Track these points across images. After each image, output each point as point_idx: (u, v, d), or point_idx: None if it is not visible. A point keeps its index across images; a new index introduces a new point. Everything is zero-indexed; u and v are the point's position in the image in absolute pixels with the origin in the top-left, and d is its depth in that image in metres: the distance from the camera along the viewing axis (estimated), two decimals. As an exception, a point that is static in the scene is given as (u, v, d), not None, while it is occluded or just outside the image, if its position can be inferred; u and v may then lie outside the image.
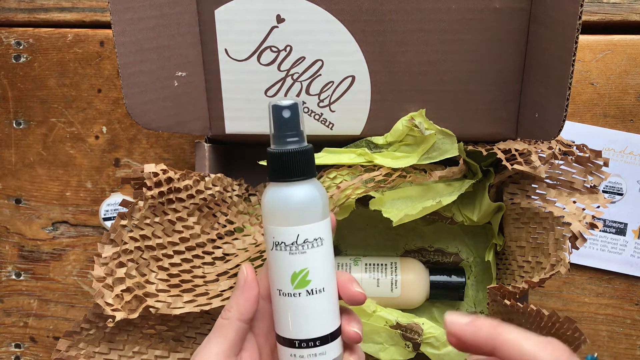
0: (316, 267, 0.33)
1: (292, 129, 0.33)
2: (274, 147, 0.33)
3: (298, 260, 0.33)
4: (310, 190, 0.33)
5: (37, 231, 0.60)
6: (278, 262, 0.34)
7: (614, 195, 0.56)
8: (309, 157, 0.33)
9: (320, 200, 0.33)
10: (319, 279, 0.34)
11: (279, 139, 0.33)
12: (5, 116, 0.59)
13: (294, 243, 0.33)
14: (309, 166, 0.33)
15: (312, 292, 0.33)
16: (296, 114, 0.33)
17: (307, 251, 0.33)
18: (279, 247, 0.33)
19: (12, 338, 0.60)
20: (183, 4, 0.45)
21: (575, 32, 0.36)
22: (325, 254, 0.34)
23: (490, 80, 0.46)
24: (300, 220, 0.33)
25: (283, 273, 0.33)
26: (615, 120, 0.56)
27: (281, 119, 0.33)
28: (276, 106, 0.33)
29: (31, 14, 0.58)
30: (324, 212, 0.34)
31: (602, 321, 0.57)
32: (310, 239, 0.33)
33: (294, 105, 0.33)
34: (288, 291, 0.33)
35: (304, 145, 0.33)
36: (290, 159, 0.33)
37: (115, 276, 0.41)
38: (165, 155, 0.59)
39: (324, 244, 0.34)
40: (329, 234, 0.34)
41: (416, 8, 0.44)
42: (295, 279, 0.33)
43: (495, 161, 0.49)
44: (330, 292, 0.34)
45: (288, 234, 0.33)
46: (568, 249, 0.40)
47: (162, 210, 0.44)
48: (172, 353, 0.46)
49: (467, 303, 0.53)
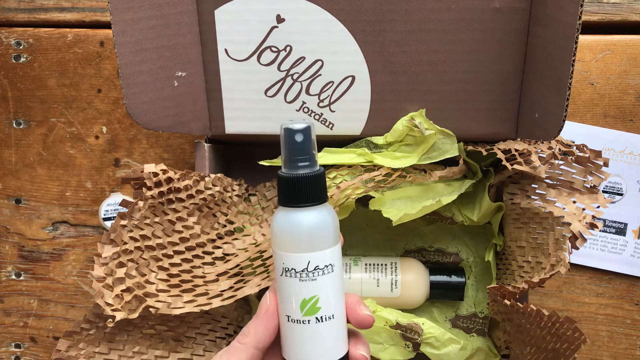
0: (326, 294, 0.33)
1: (303, 153, 0.32)
2: (285, 171, 0.32)
3: (308, 288, 0.32)
4: (322, 216, 0.32)
5: (37, 231, 0.60)
6: (287, 289, 0.33)
7: (614, 195, 0.56)
8: (320, 182, 0.32)
9: (332, 226, 0.33)
10: (329, 306, 0.33)
11: (290, 163, 0.32)
12: (5, 116, 0.59)
13: (305, 270, 0.32)
14: (320, 191, 0.33)
15: (322, 319, 0.33)
16: (308, 137, 0.32)
17: (317, 278, 0.32)
18: (289, 274, 0.33)
19: (12, 338, 0.60)
20: (183, 4, 0.45)
21: (575, 32, 0.36)
22: (335, 280, 0.33)
23: (490, 80, 0.46)
24: (311, 247, 0.32)
25: (292, 300, 0.33)
26: (615, 120, 0.56)
27: (293, 142, 0.32)
28: (288, 129, 0.32)
29: (31, 14, 0.58)
30: (335, 237, 0.33)
31: (602, 321, 0.57)
32: (321, 266, 0.32)
33: (306, 128, 0.32)
34: (297, 318, 0.33)
35: (315, 169, 0.32)
36: (301, 184, 0.32)
37: (115, 276, 0.41)
38: (165, 155, 0.58)
39: (334, 270, 0.33)
40: (340, 260, 0.34)
41: (416, 8, 0.44)
42: (304, 306, 0.33)
43: (495, 161, 0.49)
44: (339, 318, 0.34)
45: (298, 260, 0.32)
46: (568, 249, 0.40)
47: (162, 210, 0.44)
48: (172, 353, 0.46)
49: (467, 303, 0.53)
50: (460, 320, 0.53)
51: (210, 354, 0.48)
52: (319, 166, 0.33)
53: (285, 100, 0.47)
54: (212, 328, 0.49)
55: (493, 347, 0.51)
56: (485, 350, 0.50)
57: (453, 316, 0.53)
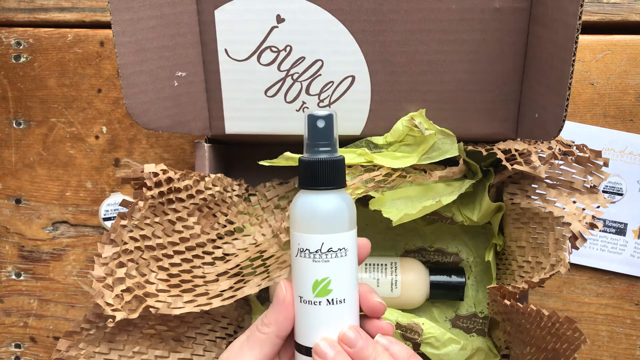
0: (338, 277, 0.33)
1: (325, 139, 0.34)
2: (306, 155, 0.34)
3: (321, 269, 0.33)
4: (338, 200, 0.34)
5: (37, 231, 0.60)
6: (301, 269, 0.34)
7: (614, 195, 0.56)
8: (339, 167, 0.34)
9: (347, 211, 0.34)
10: (341, 290, 0.34)
11: (311, 148, 0.34)
12: (5, 116, 0.59)
13: (318, 251, 0.33)
14: (338, 176, 0.34)
15: (333, 301, 0.33)
16: (331, 124, 0.34)
17: (330, 260, 0.33)
18: (303, 254, 0.33)
19: (12, 338, 0.60)
20: (183, 4, 0.45)
21: (575, 32, 0.36)
22: (348, 265, 0.34)
23: (490, 80, 0.46)
24: (326, 229, 0.33)
25: (305, 280, 0.34)
26: (615, 120, 0.56)
27: (315, 128, 0.34)
28: (312, 116, 0.34)
29: (31, 14, 0.58)
30: (351, 223, 0.34)
31: (602, 321, 0.57)
32: (334, 248, 0.33)
33: (329, 116, 0.34)
34: (309, 299, 0.34)
35: (335, 155, 0.34)
36: (321, 167, 0.33)
37: (115, 276, 0.41)
38: (165, 155, 0.58)
39: (348, 255, 0.34)
40: (354, 246, 0.34)
41: (416, 8, 0.44)
42: (317, 287, 0.33)
43: (495, 161, 0.49)
44: (351, 304, 0.34)
45: (313, 241, 0.33)
46: (568, 249, 0.40)
47: (162, 210, 0.44)
48: (172, 353, 0.46)
49: (467, 303, 0.53)
50: (460, 320, 0.53)
51: (210, 354, 0.48)
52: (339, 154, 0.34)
53: (285, 100, 0.47)
54: (212, 328, 0.49)
55: (493, 347, 0.51)
56: (485, 350, 0.50)
57: (453, 316, 0.53)
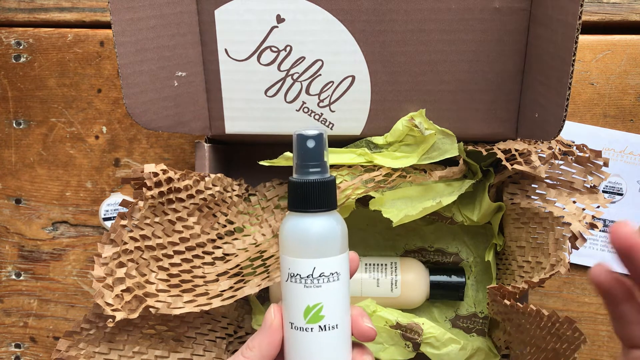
0: (331, 303, 0.33)
1: (315, 159, 0.33)
2: (296, 177, 0.33)
3: (312, 294, 0.32)
4: (330, 223, 0.33)
5: (37, 231, 0.60)
6: (292, 295, 0.33)
7: (614, 195, 0.56)
8: (330, 188, 0.33)
9: (340, 234, 0.33)
10: (333, 315, 0.33)
11: (301, 169, 0.33)
12: (5, 116, 0.59)
13: (310, 276, 0.32)
14: (330, 198, 0.33)
15: (325, 328, 0.33)
16: (320, 144, 0.33)
17: (322, 285, 0.32)
18: (294, 279, 0.33)
19: (12, 338, 0.60)
20: (183, 4, 0.45)
21: (575, 32, 0.36)
22: (341, 290, 0.33)
23: (490, 80, 0.46)
24: (318, 253, 0.32)
25: (296, 306, 0.33)
26: (615, 120, 0.55)
27: (305, 148, 0.33)
28: (301, 135, 0.33)
29: (31, 14, 0.58)
30: (343, 246, 0.33)
31: (602, 321, 0.57)
32: (326, 273, 0.32)
33: (318, 135, 0.33)
34: (300, 325, 0.33)
35: (326, 176, 0.33)
36: (311, 189, 0.32)
37: (115, 276, 0.41)
38: (165, 155, 0.58)
39: (340, 279, 0.33)
40: (347, 269, 0.34)
41: (416, 8, 0.44)
42: (308, 313, 0.32)
43: (495, 161, 0.49)
44: (343, 329, 0.34)
45: (304, 266, 0.32)
46: (568, 249, 0.40)
47: (162, 210, 0.44)
48: (172, 353, 0.46)
49: (467, 303, 0.53)
50: (460, 320, 0.53)
51: (210, 354, 0.48)
52: (329, 174, 0.33)
53: (285, 100, 0.47)
54: (212, 328, 0.49)
55: (493, 347, 0.51)
56: (485, 350, 0.50)
57: (453, 316, 0.53)
